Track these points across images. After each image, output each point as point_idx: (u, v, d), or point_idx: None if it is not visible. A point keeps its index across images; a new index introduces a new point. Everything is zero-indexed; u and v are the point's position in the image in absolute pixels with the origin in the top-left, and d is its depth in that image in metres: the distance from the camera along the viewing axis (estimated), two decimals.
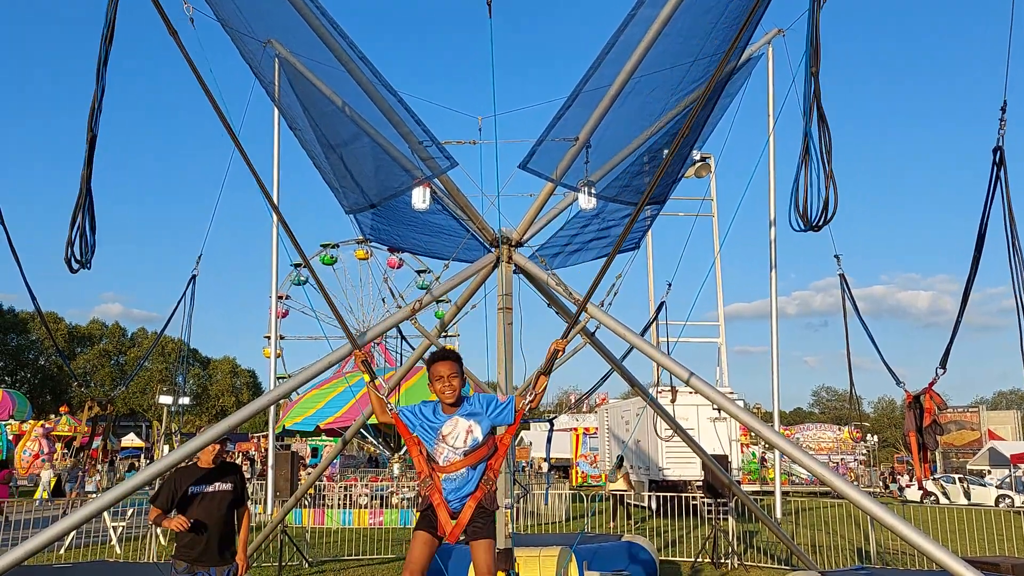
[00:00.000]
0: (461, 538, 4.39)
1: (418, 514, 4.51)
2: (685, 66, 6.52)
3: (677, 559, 14.10)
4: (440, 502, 4.33)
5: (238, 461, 27.99)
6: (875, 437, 55.49)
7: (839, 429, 51.12)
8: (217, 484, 6.00)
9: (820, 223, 4.93)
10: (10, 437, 37.54)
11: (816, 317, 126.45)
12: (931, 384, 7.63)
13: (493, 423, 4.47)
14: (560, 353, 4.77)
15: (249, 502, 6.47)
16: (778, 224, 13.87)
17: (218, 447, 6.16)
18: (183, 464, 6.15)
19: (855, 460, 45.70)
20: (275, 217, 5.57)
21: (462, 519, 4.30)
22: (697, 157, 15.47)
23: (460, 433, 4.37)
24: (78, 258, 5.54)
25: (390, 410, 4.60)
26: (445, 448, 4.38)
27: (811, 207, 4.90)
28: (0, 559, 5.32)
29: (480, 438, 4.39)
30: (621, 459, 23.93)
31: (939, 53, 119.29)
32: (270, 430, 13.80)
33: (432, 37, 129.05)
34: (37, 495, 25.29)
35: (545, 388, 4.71)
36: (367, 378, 4.77)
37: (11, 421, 39.25)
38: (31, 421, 40.38)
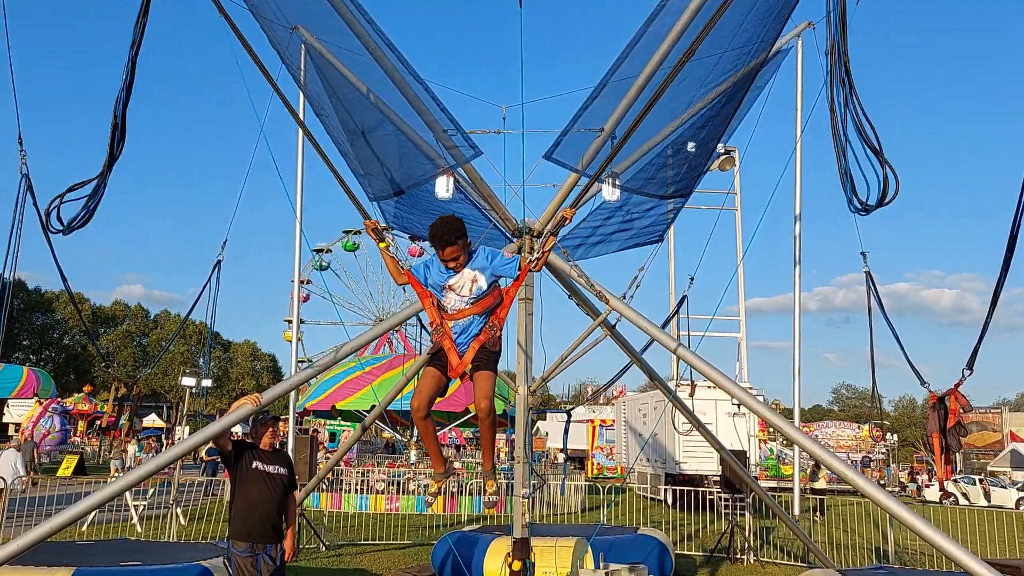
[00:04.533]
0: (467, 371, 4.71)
1: (429, 356, 4.90)
2: (714, 58, 6.46)
3: (693, 553, 14.08)
4: (451, 346, 4.70)
5: None
6: (895, 436, 54.97)
7: (858, 427, 50.76)
8: (276, 466, 6.25)
9: (876, 205, 4.89)
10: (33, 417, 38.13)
11: (838, 313, 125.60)
12: (957, 385, 7.56)
13: (497, 274, 4.81)
14: (567, 221, 5.04)
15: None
16: (803, 219, 13.77)
17: (275, 430, 6.37)
18: (249, 439, 6.34)
19: (872, 458, 45.35)
20: (337, 182, 5.62)
21: (466, 358, 4.68)
22: (722, 150, 15.38)
23: (466, 283, 4.72)
24: (64, 224, 5.73)
25: (403, 269, 4.88)
26: (453, 297, 4.74)
27: (863, 189, 4.82)
28: (25, 535, 5.41)
29: (485, 287, 4.73)
30: (818, 464, 23.90)
31: (964, 47, 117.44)
32: (291, 414, 13.93)
33: (458, 26, 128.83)
34: (60, 472, 25.67)
35: (551, 250, 4.94)
36: (381, 245, 5.00)
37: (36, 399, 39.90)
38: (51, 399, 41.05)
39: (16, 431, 22.67)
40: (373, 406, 12.71)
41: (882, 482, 36.04)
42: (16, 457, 17.28)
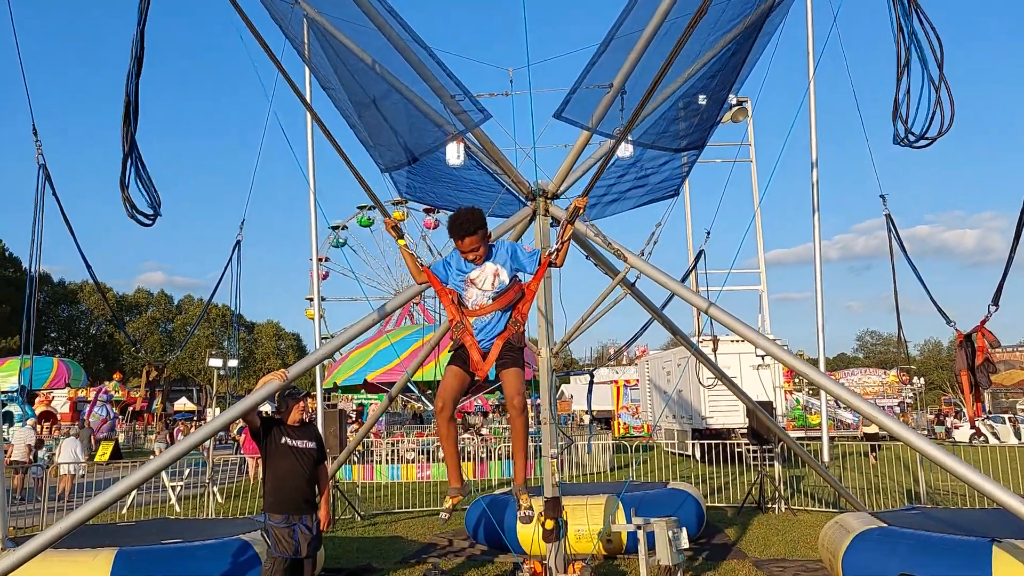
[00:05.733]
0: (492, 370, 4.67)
1: (450, 353, 4.81)
2: (720, 6, 6.34)
3: (723, 505, 14.17)
4: (472, 343, 4.64)
5: None
6: (922, 380, 54.73)
7: (884, 373, 50.59)
8: (305, 441, 6.37)
9: (931, 135, 4.73)
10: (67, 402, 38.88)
11: (859, 260, 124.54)
12: (983, 322, 7.49)
13: (518, 268, 4.74)
14: (581, 211, 4.94)
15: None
16: (819, 166, 13.60)
17: (303, 405, 6.47)
18: (277, 416, 6.45)
19: (900, 405, 45.21)
20: (346, 166, 5.61)
21: (491, 356, 4.61)
22: (734, 101, 15.15)
23: (487, 277, 4.66)
24: (148, 214, 5.82)
25: (422, 267, 4.86)
26: (474, 292, 4.69)
27: (916, 118, 4.66)
28: (66, 518, 5.54)
29: (507, 281, 4.68)
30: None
31: None
32: (318, 389, 14.09)
33: None
34: (97, 458, 26.16)
35: (570, 239, 4.86)
36: (401, 243, 4.99)
37: (68, 389, 40.65)
38: (86, 388, 41.77)
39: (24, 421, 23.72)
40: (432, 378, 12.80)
41: (912, 426, 35.95)
42: (77, 444, 18.02)
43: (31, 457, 18.08)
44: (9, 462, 17.36)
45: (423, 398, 27.18)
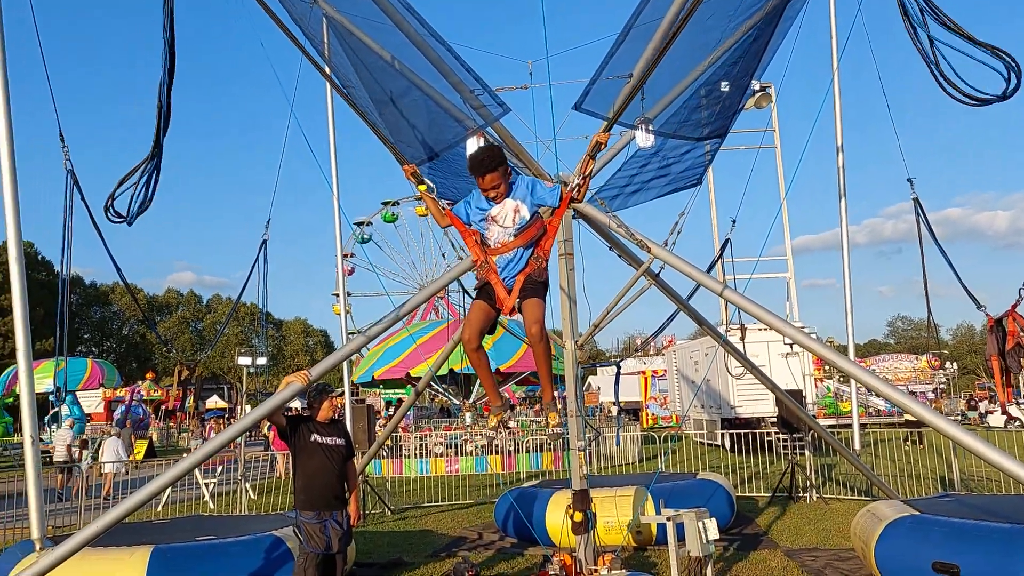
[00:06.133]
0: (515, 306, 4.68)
1: (476, 291, 4.89)
2: None
3: (754, 494, 14.09)
4: (497, 280, 4.69)
5: None
6: (954, 365, 53.92)
7: (916, 359, 49.93)
8: (334, 438, 6.46)
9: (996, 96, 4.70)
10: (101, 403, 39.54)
11: (888, 245, 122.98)
12: (1014, 307, 7.37)
13: (539, 203, 4.74)
14: (602, 146, 4.91)
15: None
16: (845, 150, 13.42)
17: (334, 403, 6.59)
18: (306, 414, 6.53)
19: (935, 391, 44.57)
20: (370, 128, 5.63)
21: (514, 291, 4.65)
22: (757, 87, 14.99)
23: (508, 213, 4.68)
24: (119, 213, 5.88)
25: (445, 210, 4.87)
26: (496, 229, 4.71)
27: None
28: (103, 516, 5.62)
29: (527, 216, 4.68)
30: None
31: None
32: (346, 385, 14.21)
33: None
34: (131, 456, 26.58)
35: (591, 174, 4.85)
36: (421, 188, 4.96)
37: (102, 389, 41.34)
38: (120, 388, 42.45)
39: (88, 420, 24.02)
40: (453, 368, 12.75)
41: (944, 412, 35.44)
42: (118, 444, 18.49)
43: (73, 456, 18.51)
44: (51, 462, 17.85)
45: (447, 394, 27.37)
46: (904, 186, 9.35)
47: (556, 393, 5.41)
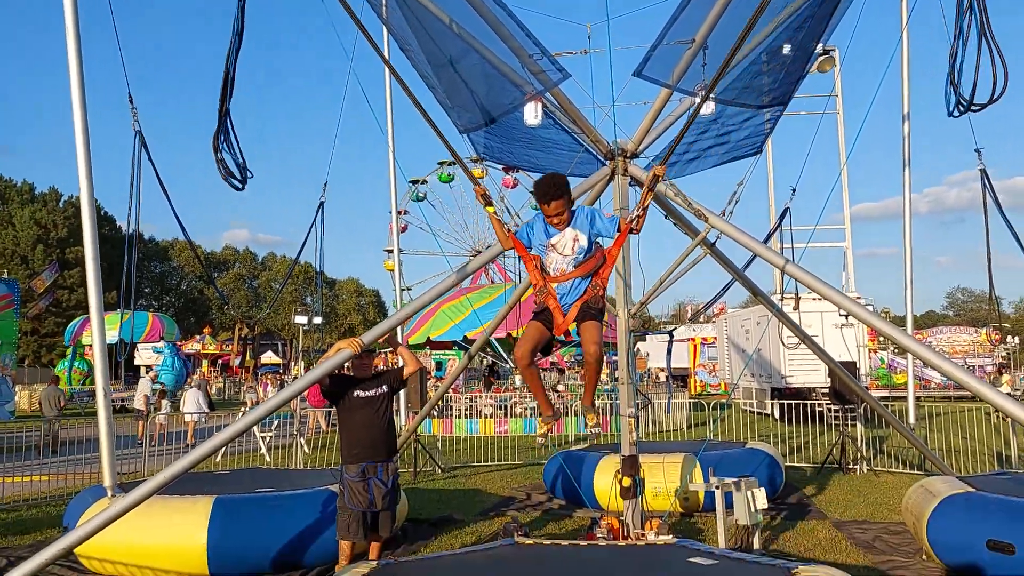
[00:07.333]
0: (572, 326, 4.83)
1: (534, 315, 5.00)
2: None
3: (803, 465, 14.01)
4: (556, 306, 4.81)
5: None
6: (1015, 339, 52.31)
7: (975, 331, 48.57)
8: (376, 388, 6.67)
9: (982, 103, 4.64)
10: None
11: (951, 214, 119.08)
12: None
13: (597, 233, 4.83)
14: (661, 178, 5.04)
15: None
16: (911, 119, 13.01)
17: (367, 360, 6.74)
18: (347, 373, 6.75)
19: (997, 365, 43.36)
20: (425, 120, 5.74)
21: (569, 316, 4.78)
22: (820, 50, 14.56)
23: (568, 242, 4.77)
24: (239, 178, 6.30)
25: (508, 233, 5.00)
26: (555, 256, 4.82)
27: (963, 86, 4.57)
28: (172, 466, 5.88)
29: (586, 246, 4.78)
30: (1000, 371, 23.56)
31: None
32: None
33: None
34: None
35: (648, 205, 4.91)
36: (490, 210, 5.11)
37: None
38: (180, 341, 43.78)
39: (146, 372, 24.97)
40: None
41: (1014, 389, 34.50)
42: (199, 395, 19.36)
43: (151, 406, 19.50)
44: (133, 409, 18.90)
45: (498, 357, 27.65)
46: (969, 151, 9.05)
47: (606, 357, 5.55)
